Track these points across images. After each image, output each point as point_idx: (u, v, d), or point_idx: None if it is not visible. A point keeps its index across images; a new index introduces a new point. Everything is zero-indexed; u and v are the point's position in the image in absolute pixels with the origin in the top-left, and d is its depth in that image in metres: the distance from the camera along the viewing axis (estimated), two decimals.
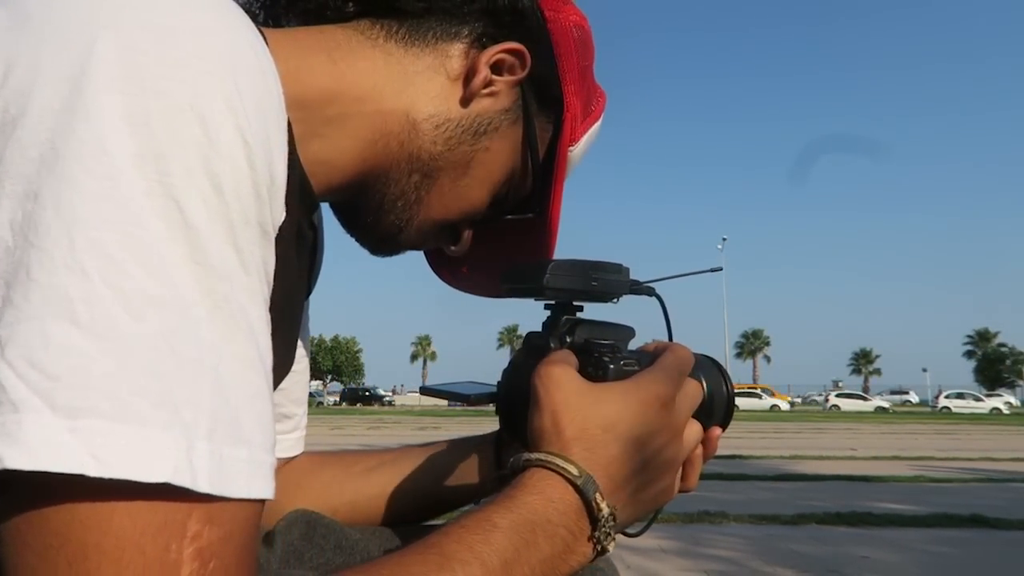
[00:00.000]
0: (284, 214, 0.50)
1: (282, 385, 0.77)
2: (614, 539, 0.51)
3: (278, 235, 0.49)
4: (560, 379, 0.54)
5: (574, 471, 0.50)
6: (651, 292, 0.71)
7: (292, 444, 0.81)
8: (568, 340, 0.63)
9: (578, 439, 0.52)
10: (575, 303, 0.66)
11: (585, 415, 0.53)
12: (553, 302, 0.66)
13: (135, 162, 0.36)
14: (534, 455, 0.51)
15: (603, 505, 0.49)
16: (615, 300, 0.69)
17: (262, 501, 0.38)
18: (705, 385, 0.63)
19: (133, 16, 0.39)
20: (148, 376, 0.34)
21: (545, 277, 0.63)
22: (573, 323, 0.64)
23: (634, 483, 0.53)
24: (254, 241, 0.41)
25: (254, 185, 0.41)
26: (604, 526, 0.50)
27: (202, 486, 0.34)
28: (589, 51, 0.70)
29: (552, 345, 0.62)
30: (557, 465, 0.50)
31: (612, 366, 0.58)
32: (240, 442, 0.37)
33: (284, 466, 0.80)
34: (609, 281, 0.66)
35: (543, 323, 0.65)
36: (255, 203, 0.41)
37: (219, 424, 0.36)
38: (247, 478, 0.37)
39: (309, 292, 0.76)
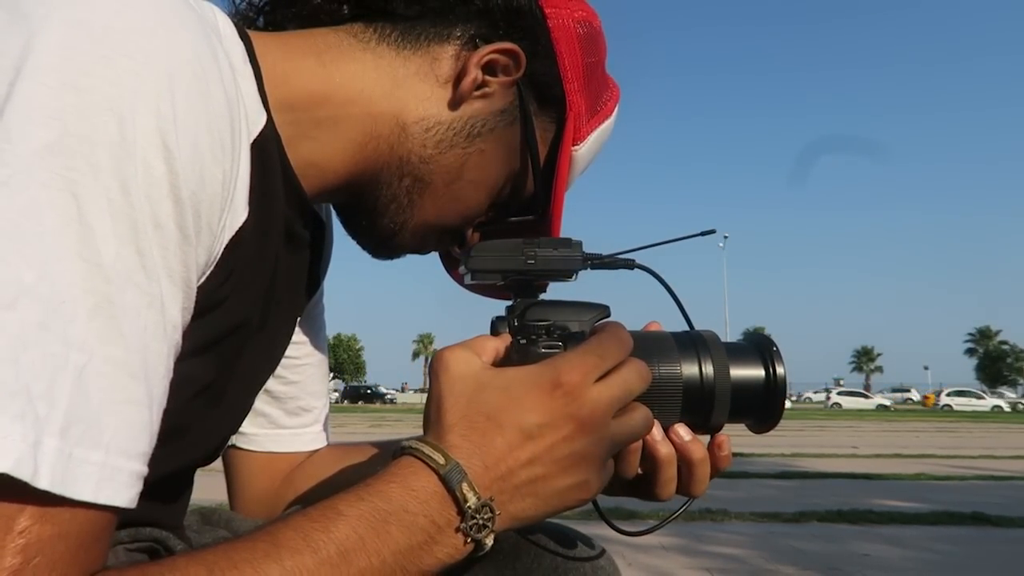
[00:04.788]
0: (246, 214, 0.50)
1: (296, 378, 0.78)
2: (492, 532, 0.47)
3: (239, 236, 0.49)
4: (449, 364, 0.52)
5: (439, 459, 0.47)
6: (629, 265, 0.64)
7: (313, 438, 0.81)
8: (516, 323, 0.59)
9: (456, 426, 0.49)
10: (537, 284, 0.62)
11: (468, 401, 0.50)
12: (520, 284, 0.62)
13: (42, 153, 0.36)
14: (408, 442, 0.49)
15: (469, 495, 0.46)
16: (572, 277, 0.63)
17: (113, 508, 0.38)
18: (680, 371, 0.57)
19: (73, 13, 0.39)
20: (7, 364, 0.33)
21: (468, 259, 0.61)
22: (527, 305, 0.59)
23: (522, 475, 0.49)
24: (167, 245, 0.41)
25: (172, 188, 0.40)
26: (475, 518, 0.46)
27: (41, 483, 0.34)
28: (598, 47, 0.68)
29: (499, 329, 0.59)
30: (423, 453, 0.47)
31: (531, 349, 0.54)
32: (96, 445, 0.36)
33: (307, 459, 0.80)
34: (551, 257, 0.61)
35: (506, 307, 0.62)
36: (173, 207, 0.41)
37: (74, 423, 0.35)
38: (96, 482, 0.36)
39: (315, 287, 0.76)
